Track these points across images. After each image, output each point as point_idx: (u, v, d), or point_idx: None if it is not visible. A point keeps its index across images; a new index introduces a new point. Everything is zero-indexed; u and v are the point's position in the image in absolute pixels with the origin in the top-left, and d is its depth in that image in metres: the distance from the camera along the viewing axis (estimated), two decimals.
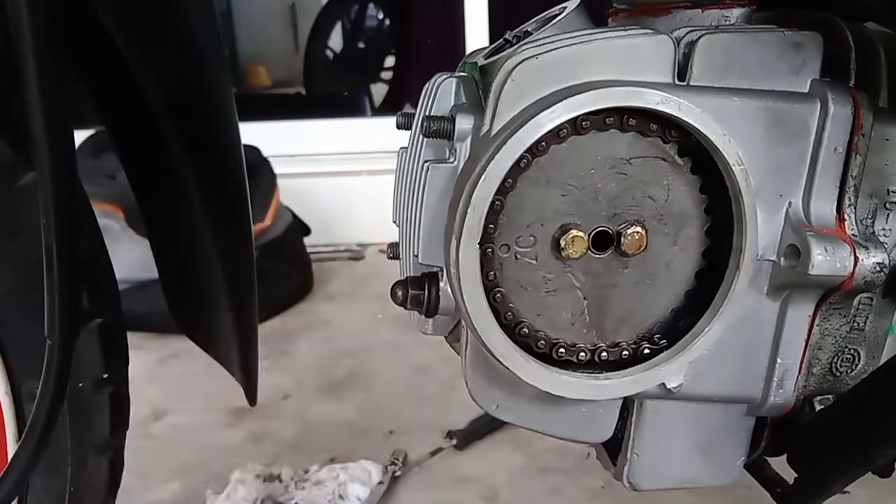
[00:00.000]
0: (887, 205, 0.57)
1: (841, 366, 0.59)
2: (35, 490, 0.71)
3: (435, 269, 0.56)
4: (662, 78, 0.51)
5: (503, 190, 0.50)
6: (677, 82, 0.52)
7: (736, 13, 0.58)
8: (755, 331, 0.56)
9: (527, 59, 0.50)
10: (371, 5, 3.93)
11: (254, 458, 1.35)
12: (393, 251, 0.67)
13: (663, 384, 0.55)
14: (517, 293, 0.53)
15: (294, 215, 2.33)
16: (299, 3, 5.32)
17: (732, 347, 0.56)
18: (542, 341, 0.54)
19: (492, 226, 0.51)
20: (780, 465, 0.63)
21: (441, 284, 0.56)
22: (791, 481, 0.61)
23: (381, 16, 3.97)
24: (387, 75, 3.89)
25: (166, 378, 1.73)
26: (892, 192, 0.57)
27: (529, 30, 0.59)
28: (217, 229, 0.67)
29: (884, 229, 0.57)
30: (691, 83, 0.52)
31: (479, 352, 0.54)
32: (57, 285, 0.55)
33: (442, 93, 0.57)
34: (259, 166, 2.20)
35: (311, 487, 1.25)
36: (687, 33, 0.52)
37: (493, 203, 0.50)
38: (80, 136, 2.03)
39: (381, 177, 2.52)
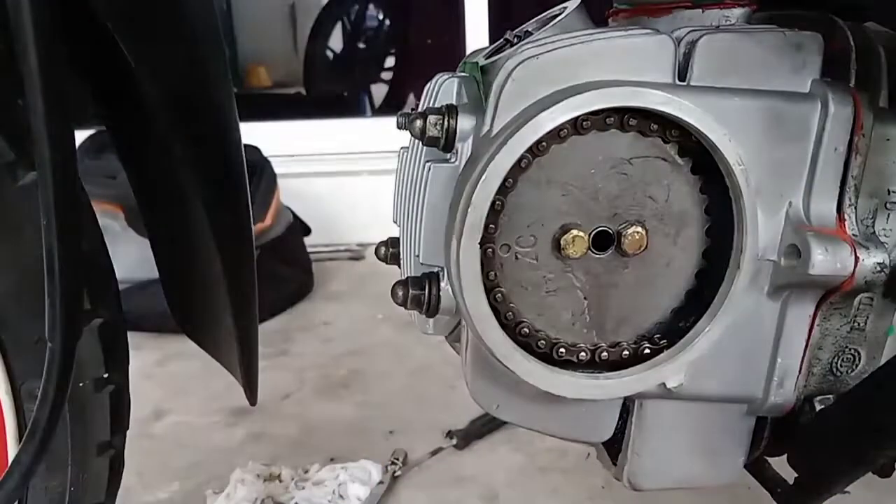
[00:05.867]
0: (887, 205, 0.57)
1: (841, 366, 0.59)
2: (35, 490, 0.71)
3: (435, 269, 0.56)
4: (663, 78, 0.51)
5: (504, 190, 0.50)
6: (678, 82, 0.52)
7: (736, 13, 0.58)
8: (755, 331, 0.56)
9: (527, 59, 0.50)
10: (371, 5, 3.93)
11: (254, 457, 1.35)
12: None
13: (663, 384, 0.55)
14: (518, 293, 0.53)
15: (294, 215, 2.33)
16: (299, 3, 5.32)
17: (733, 347, 0.56)
18: (543, 341, 0.54)
19: (492, 226, 0.51)
20: (781, 465, 0.63)
21: (441, 284, 0.56)
22: (791, 481, 0.61)
23: (381, 16, 3.97)
24: (387, 75, 3.89)
25: (166, 378, 1.73)
26: (893, 192, 0.57)
27: (530, 30, 0.59)
28: (217, 229, 0.67)
29: (884, 229, 0.57)
30: (692, 83, 0.52)
31: (479, 352, 0.54)
32: (58, 286, 0.55)
33: (443, 93, 0.57)
34: (260, 166, 2.19)
35: (312, 487, 1.25)
36: (687, 33, 0.52)
37: (493, 203, 0.50)
38: (81, 135, 2.03)
39: (381, 177, 2.52)
